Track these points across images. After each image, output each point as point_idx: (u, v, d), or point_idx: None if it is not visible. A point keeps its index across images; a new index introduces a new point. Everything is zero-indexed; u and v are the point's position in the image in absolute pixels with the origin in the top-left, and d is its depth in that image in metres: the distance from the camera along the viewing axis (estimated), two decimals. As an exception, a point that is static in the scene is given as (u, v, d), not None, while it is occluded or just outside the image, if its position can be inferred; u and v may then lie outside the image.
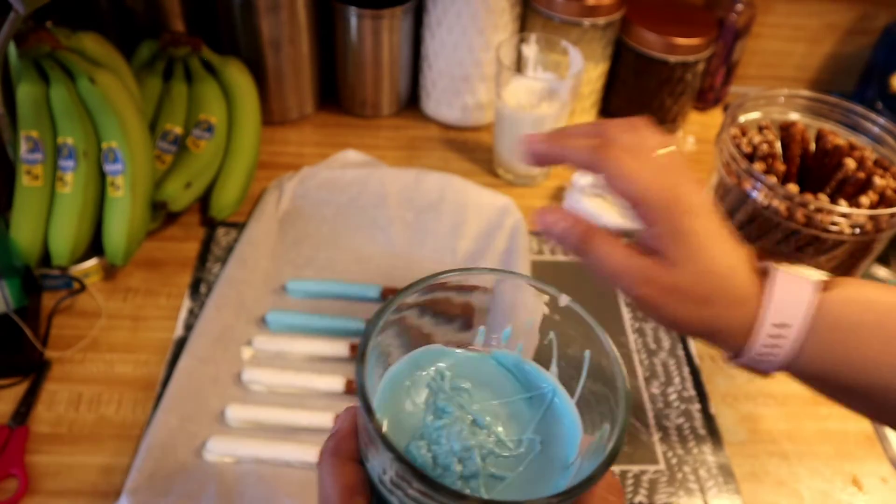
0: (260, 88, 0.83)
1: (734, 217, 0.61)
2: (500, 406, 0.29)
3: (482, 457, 0.27)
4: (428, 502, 0.24)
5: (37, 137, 0.65)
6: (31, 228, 0.65)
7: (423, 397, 0.29)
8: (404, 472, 0.24)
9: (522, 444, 0.28)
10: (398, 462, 0.24)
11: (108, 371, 0.62)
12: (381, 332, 0.27)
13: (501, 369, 0.31)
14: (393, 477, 0.25)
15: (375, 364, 0.27)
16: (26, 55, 0.65)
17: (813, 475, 0.59)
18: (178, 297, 0.68)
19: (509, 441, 0.28)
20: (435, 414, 0.28)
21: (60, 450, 0.56)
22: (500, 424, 0.29)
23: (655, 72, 0.88)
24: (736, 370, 0.67)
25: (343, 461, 0.27)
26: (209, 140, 0.76)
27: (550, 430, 0.29)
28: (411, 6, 0.85)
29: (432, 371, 0.30)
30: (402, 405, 0.29)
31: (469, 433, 0.28)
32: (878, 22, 0.98)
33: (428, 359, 0.30)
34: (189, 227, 0.75)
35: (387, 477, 0.25)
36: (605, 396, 0.28)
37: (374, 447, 0.25)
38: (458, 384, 0.30)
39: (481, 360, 0.31)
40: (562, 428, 0.29)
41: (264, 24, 0.81)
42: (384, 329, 0.28)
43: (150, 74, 0.78)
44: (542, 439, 0.28)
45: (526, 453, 0.28)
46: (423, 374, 0.30)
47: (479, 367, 0.30)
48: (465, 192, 0.76)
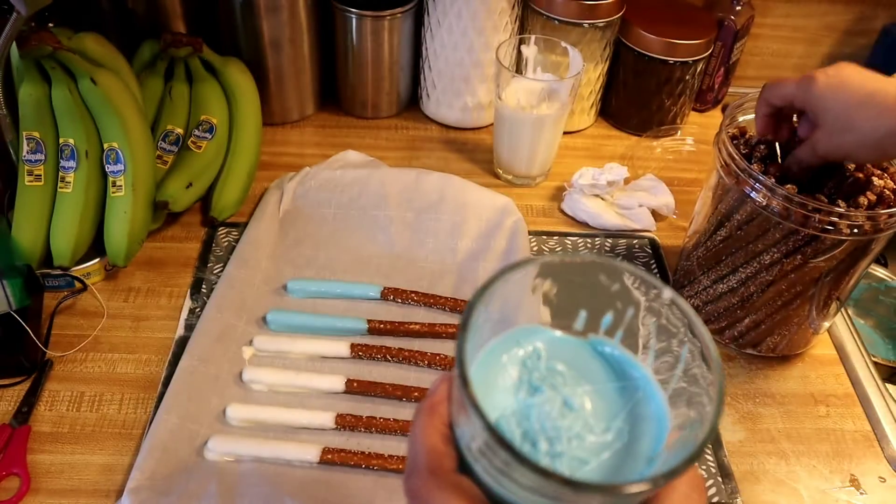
0: (261, 89, 0.83)
1: (733, 217, 0.62)
2: (592, 391, 0.30)
3: (569, 439, 0.27)
4: (511, 474, 0.24)
5: (38, 138, 0.66)
6: (33, 228, 0.65)
7: (518, 374, 0.29)
8: (493, 442, 0.24)
9: (610, 432, 0.28)
10: (488, 432, 0.24)
11: (110, 371, 0.62)
12: (487, 304, 0.27)
13: (597, 356, 0.31)
14: (481, 446, 0.25)
15: (476, 335, 0.28)
16: (28, 56, 0.65)
17: (811, 474, 0.60)
18: (180, 297, 0.68)
19: (597, 427, 0.28)
20: (528, 391, 0.29)
21: (62, 449, 0.57)
22: (590, 409, 0.29)
23: (655, 72, 0.89)
24: (735, 369, 0.67)
25: (435, 422, 0.28)
26: (210, 140, 0.76)
27: (639, 421, 0.29)
28: (412, 7, 0.85)
29: (529, 349, 0.30)
30: (497, 379, 0.29)
31: (559, 414, 0.28)
32: (876, 23, 0.98)
33: (526, 337, 0.31)
34: (190, 227, 0.76)
35: (475, 445, 0.26)
36: (698, 394, 0.28)
37: (466, 415, 0.25)
38: (553, 365, 0.30)
39: (578, 345, 0.31)
40: (651, 420, 0.29)
41: (265, 25, 0.81)
42: (489, 302, 0.28)
43: (151, 75, 0.78)
44: (630, 429, 0.28)
45: (612, 441, 0.28)
46: (519, 352, 0.30)
47: (575, 351, 0.31)
48: (465, 192, 0.76)
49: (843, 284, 0.62)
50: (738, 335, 0.67)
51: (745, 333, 0.66)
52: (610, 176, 0.80)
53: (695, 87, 0.93)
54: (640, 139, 0.93)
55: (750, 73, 1.03)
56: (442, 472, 0.27)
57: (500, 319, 0.30)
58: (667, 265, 0.76)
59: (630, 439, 0.28)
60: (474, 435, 0.26)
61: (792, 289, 0.61)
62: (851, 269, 0.61)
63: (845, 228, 0.56)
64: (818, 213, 0.56)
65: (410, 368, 0.64)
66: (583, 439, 0.28)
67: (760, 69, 1.03)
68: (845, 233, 0.56)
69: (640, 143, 0.93)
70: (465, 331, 0.26)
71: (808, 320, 0.64)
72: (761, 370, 0.67)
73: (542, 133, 0.79)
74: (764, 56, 1.02)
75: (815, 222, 0.56)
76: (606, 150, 0.92)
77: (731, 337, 0.68)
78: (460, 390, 0.25)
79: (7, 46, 0.62)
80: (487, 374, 0.29)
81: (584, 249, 0.77)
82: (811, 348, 0.69)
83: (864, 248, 0.59)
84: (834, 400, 0.65)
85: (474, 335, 0.27)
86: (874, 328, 0.85)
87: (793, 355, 0.69)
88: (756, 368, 0.67)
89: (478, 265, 0.72)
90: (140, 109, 0.70)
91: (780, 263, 0.60)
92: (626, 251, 0.77)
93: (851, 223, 0.56)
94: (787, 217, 0.57)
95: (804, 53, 1.02)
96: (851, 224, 0.56)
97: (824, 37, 1.00)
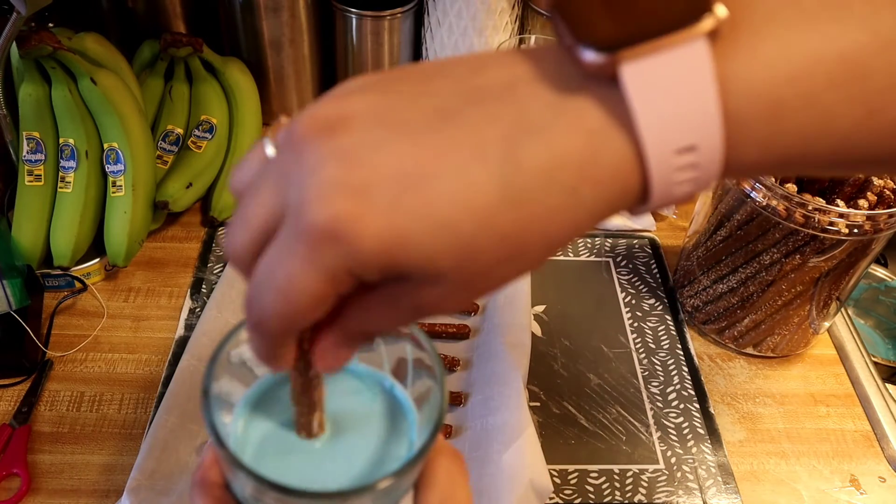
0: (261, 89, 0.83)
1: (733, 217, 0.62)
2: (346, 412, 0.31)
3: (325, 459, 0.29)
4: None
5: (38, 138, 0.66)
6: (33, 228, 0.65)
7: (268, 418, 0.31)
8: (258, 484, 0.25)
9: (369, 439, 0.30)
10: (248, 476, 0.25)
11: (110, 371, 0.62)
12: (217, 378, 0.29)
13: (343, 377, 0.33)
14: (252, 492, 0.27)
15: (218, 402, 0.29)
16: (28, 56, 0.65)
17: (811, 474, 0.60)
18: (180, 296, 0.68)
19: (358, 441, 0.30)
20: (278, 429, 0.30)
21: (62, 449, 0.57)
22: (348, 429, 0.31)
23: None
24: (735, 369, 0.67)
25: (210, 487, 0.29)
26: (210, 140, 0.76)
27: (394, 421, 0.31)
28: (412, 7, 0.85)
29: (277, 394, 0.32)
30: (251, 431, 0.30)
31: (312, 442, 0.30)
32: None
33: (271, 383, 0.32)
34: (190, 227, 0.76)
35: (248, 492, 0.27)
36: (428, 376, 0.30)
37: (231, 470, 0.27)
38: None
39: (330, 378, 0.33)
40: (403, 417, 0.31)
41: (265, 25, 0.81)
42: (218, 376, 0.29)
43: (151, 75, 0.78)
44: (387, 432, 0.31)
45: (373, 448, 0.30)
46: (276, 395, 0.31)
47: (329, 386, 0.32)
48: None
49: (843, 284, 0.62)
50: (738, 335, 0.67)
51: (745, 333, 0.66)
52: (610, 176, 0.80)
53: (695, 88, 0.93)
54: (640, 139, 0.93)
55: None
56: None
57: (241, 379, 0.31)
58: (667, 265, 0.76)
59: (388, 438, 0.30)
60: (244, 484, 0.27)
61: (792, 289, 0.61)
62: (851, 269, 0.61)
63: (845, 228, 0.56)
64: (818, 213, 0.56)
65: (410, 368, 0.64)
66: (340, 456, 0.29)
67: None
68: (845, 233, 0.56)
69: (640, 143, 0.93)
70: (207, 397, 0.28)
71: (808, 320, 0.64)
72: (761, 370, 0.67)
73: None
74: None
75: (815, 222, 0.56)
76: (606, 150, 0.92)
77: (731, 337, 0.68)
78: (219, 451, 0.27)
79: (7, 46, 0.62)
80: (253, 425, 0.30)
81: (585, 249, 0.77)
82: (811, 348, 0.69)
83: (864, 248, 0.59)
84: (834, 400, 0.65)
85: (217, 403, 0.28)
86: (874, 328, 0.85)
87: (793, 355, 0.69)
88: (756, 368, 0.67)
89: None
90: (140, 109, 0.70)
91: (780, 263, 0.60)
92: (626, 251, 0.77)
93: (851, 223, 0.56)
94: (787, 217, 0.57)
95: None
96: (851, 224, 0.56)
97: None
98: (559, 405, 0.63)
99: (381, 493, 0.26)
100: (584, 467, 0.58)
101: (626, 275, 0.75)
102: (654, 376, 0.65)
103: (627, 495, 0.57)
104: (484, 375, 0.61)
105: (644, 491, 0.57)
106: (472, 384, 0.62)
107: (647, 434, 0.61)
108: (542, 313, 0.70)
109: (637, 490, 0.57)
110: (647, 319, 0.70)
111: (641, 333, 0.69)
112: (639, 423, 0.62)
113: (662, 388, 0.65)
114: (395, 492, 0.28)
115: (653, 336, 0.69)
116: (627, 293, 0.73)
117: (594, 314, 0.71)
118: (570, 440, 0.60)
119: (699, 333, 0.70)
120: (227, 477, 0.29)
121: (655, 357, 0.67)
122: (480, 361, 0.63)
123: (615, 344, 0.68)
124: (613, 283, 0.74)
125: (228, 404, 0.30)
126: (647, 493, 0.57)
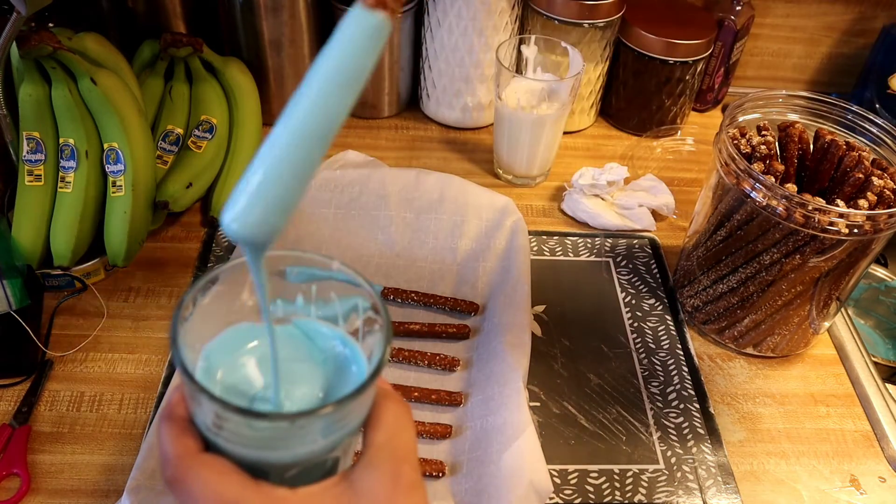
0: (261, 89, 0.83)
1: (733, 217, 0.62)
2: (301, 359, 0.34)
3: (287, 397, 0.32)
4: (241, 431, 0.29)
5: (38, 138, 0.66)
6: (33, 228, 0.65)
7: (243, 373, 0.33)
8: (221, 409, 0.27)
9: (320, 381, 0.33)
10: (213, 401, 0.27)
11: (110, 371, 0.62)
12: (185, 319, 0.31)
13: (302, 335, 0.35)
14: (214, 418, 0.29)
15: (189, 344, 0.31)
16: (28, 56, 0.65)
17: (811, 474, 0.60)
18: (180, 296, 0.68)
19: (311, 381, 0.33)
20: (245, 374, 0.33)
21: (62, 449, 0.57)
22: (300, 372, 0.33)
23: (655, 72, 0.89)
24: (735, 369, 0.67)
25: (174, 421, 0.31)
26: (210, 140, 0.76)
27: (342, 369, 0.34)
28: (412, 8, 0.85)
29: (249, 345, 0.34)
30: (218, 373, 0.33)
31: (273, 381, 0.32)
32: (876, 23, 0.98)
33: (240, 337, 0.34)
34: (190, 227, 0.76)
35: (210, 420, 0.29)
36: (376, 326, 0.33)
37: (197, 402, 0.29)
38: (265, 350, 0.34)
39: (285, 330, 0.35)
40: (353, 366, 0.34)
41: (265, 25, 0.81)
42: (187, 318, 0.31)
43: (151, 75, 0.78)
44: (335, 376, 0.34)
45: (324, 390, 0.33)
46: (238, 352, 0.34)
47: (285, 339, 0.34)
48: (465, 192, 0.76)
49: (843, 284, 0.62)
50: (738, 335, 0.67)
51: (745, 333, 0.66)
52: (610, 176, 0.80)
53: (695, 87, 0.93)
54: (640, 139, 0.93)
55: (750, 73, 1.03)
56: (189, 454, 0.30)
57: (214, 324, 0.33)
58: (667, 265, 0.76)
59: (338, 385, 0.33)
60: (206, 412, 0.29)
61: (792, 289, 0.61)
62: (851, 269, 0.61)
63: (845, 228, 0.56)
64: (818, 213, 0.56)
65: (410, 368, 0.64)
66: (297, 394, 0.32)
67: (760, 69, 1.03)
68: (845, 233, 0.56)
69: (640, 143, 0.93)
70: (175, 333, 0.30)
71: (808, 320, 0.64)
72: (761, 370, 0.67)
73: (542, 133, 0.79)
74: (764, 56, 1.02)
75: (815, 222, 0.56)
76: (606, 150, 0.92)
77: (731, 337, 0.68)
78: (187, 383, 0.28)
79: (7, 46, 0.62)
80: (213, 370, 0.32)
81: (585, 249, 0.77)
82: (811, 348, 0.69)
83: (864, 248, 0.59)
84: (834, 400, 0.65)
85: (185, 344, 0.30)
86: (874, 328, 0.85)
87: (793, 355, 0.69)
88: (756, 368, 0.67)
89: (478, 265, 0.72)
90: (140, 109, 0.70)
91: (779, 263, 0.60)
92: (626, 251, 0.77)
93: (851, 223, 0.56)
94: (787, 217, 0.57)
95: (804, 53, 1.02)
96: (851, 224, 0.56)
97: (824, 37, 1.00)
98: (559, 405, 0.63)
99: (326, 420, 0.29)
100: (584, 467, 0.58)
101: (626, 275, 0.75)
102: (654, 376, 0.65)
103: (627, 495, 0.57)
104: (484, 375, 0.61)
105: (644, 491, 0.57)
106: (472, 384, 0.62)
107: (647, 434, 0.61)
108: (542, 313, 0.70)
109: (637, 490, 0.57)
110: (647, 319, 0.70)
111: (641, 333, 0.69)
112: (639, 423, 0.62)
113: (662, 388, 0.65)
114: (340, 422, 0.30)
115: (653, 336, 0.69)
116: (627, 293, 0.73)
117: (594, 314, 0.71)
118: (570, 440, 0.60)
119: (699, 333, 0.70)
120: (191, 411, 0.31)
121: (655, 357, 0.67)
122: (480, 361, 0.63)
123: (615, 344, 0.68)
124: (613, 283, 0.74)
125: (194, 350, 0.32)
126: (647, 493, 0.57)
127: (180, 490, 0.29)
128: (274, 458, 0.30)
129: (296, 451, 0.29)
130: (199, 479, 0.29)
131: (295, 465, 0.30)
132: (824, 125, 0.66)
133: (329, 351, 0.34)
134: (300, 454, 0.30)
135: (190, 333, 0.31)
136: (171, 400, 0.32)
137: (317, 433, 0.29)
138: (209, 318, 0.33)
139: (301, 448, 0.29)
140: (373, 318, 0.33)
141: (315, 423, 0.29)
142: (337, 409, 0.29)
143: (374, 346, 0.33)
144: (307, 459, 0.30)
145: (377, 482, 0.30)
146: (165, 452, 0.30)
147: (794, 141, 0.64)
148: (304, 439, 0.29)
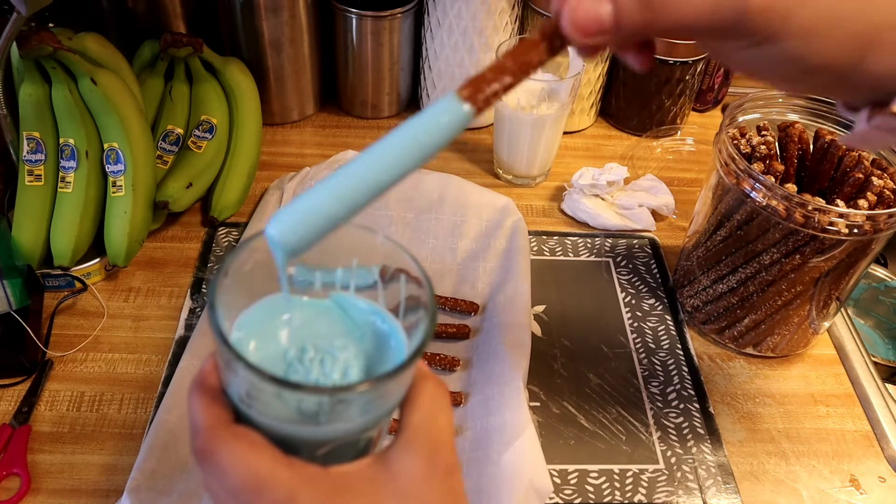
0: (261, 89, 0.83)
1: (733, 217, 0.62)
2: (340, 337, 0.33)
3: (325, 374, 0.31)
4: (275, 403, 0.28)
5: (39, 138, 0.66)
6: (33, 228, 0.65)
7: (277, 346, 0.33)
8: (256, 379, 0.27)
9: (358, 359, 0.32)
10: (249, 370, 0.27)
11: (110, 371, 0.62)
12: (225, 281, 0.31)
13: (339, 310, 0.35)
14: (248, 388, 0.28)
15: (228, 308, 0.31)
16: (28, 56, 0.65)
17: (811, 474, 0.60)
18: (180, 296, 0.68)
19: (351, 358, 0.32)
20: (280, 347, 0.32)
21: (62, 449, 0.57)
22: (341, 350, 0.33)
23: (655, 72, 0.89)
24: (735, 369, 0.67)
25: (205, 390, 0.30)
26: (210, 140, 0.76)
27: (383, 345, 0.33)
28: (412, 7, 0.85)
29: (284, 317, 0.33)
30: (256, 343, 0.32)
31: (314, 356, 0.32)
32: (876, 23, 0.98)
33: (275, 308, 0.34)
34: (190, 227, 0.76)
35: (244, 391, 0.29)
36: (419, 304, 0.33)
37: (232, 370, 0.28)
38: (301, 324, 0.33)
39: (322, 304, 0.35)
40: (394, 343, 0.33)
41: (265, 25, 0.81)
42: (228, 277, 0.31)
43: (151, 75, 0.78)
44: (376, 354, 0.33)
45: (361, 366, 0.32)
46: (272, 323, 0.33)
47: (319, 310, 0.34)
48: (465, 192, 0.76)
49: (843, 284, 0.62)
50: (738, 335, 0.67)
51: (745, 333, 0.66)
52: (610, 176, 0.80)
53: (695, 88, 0.93)
54: (640, 139, 0.93)
55: (750, 73, 1.03)
56: (220, 425, 0.29)
57: (249, 293, 0.33)
58: (667, 265, 0.76)
59: (376, 360, 0.33)
60: (241, 382, 0.28)
61: (792, 289, 0.61)
62: (851, 269, 0.61)
63: (845, 228, 0.56)
64: (818, 213, 0.56)
65: (410, 368, 0.64)
66: (336, 369, 0.31)
67: (760, 69, 1.03)
68: (845, 233, 0.56)
69: (640, 143, 0.93)
70: (214, 307, 0.30)
71: (808, 320, 0.64)
72: (761, 370, 0.67)
73: (541, 133, 0.79)
74: (764, 56, 1.02)
75: (815, 222, 0.56)
76: (606, 150, 0.92)
77: (731, 337, 0.68)
78: (223, 350, 0.28)
79: (7, 46, 0.62)
80: (246, 340, 0.32)
81: (585, 249, 0.77)
82: (811, 348, 0.69)
83: (864, 248, 0.59)
84: (834, 400, 0.65)
85: (222, 310, 0.30)
86: (874, 328, 0.86)
87: (793, 355, 0.69)
88: (756, 368, 0.67)
89: (478, 265, 0.72)
90: (140, 109, 0.70)
91: (779, 263, 0.60)
92: (626, 251, 0.77)
93: (851, 223, 0.56)
94: (787, 217, 0.57)
95: (804, 53, 1.02)
96: (851, 224, 0.56)
97: (824, 37, 1.00)
98: (559, 405, 0.63)
99: (364, 397, 0.29)
100: (584, 467, 0.58)
101: (626, 275, 0.75)
102: (654, 376, 0.65)
103: (627, 495, 0.57)
104: (484, 375, 0.61)
105: (644, 491, 0.57)
106: (472, 384, 0.62)
107: (646, 434, 0.61)
108: (542, 313, 0.70)
109: (637, 490, 0.57)
110: (646, 319, 0.70)
111: (641, 333, 0.69)
112: (639, 423, 0.62)
113: (662, 388, 0.65)
114: (378, 400, 0.30)
115: (653, 336, 0.69)
116: (627, 293, 0.73)
117: (594, 314, 0.71)
118: (570, 440, 0.60)
119: (699, 333, 0.70)
120: (224, 381, 0.30)
121: (655, 357, 0.67)
122: (480, 361, 0.63)
123: (615, 344, 0.68)
124: (613, 283, 0.74)
125: (230, 317, 0.32)
126: (647, 493, 0.57)
127: (209, 461, 0.28)
128: (307, 434, 0.29)
129: (331, 428, 0.29)
130: (230, 451, 0.28)
131: (328, 443, 0.30)
132: (824, 125, 0.66)
133: (367, 327, 0.34)
134: (335, 431, 0.29)
135: (226, 300, 0.31)
136: (205, 368, 0.31)
137: (354, 410, 0.29)
138: (247, 285, 0.32)
139: (337, 425, 0.29)
140: (416, 294, 0.33)
141: (353, 399, 0.28)
142: (376, 387, 0.28)
143: (417, 323, 0.32)
144: (341, 437, 0.30)
145: (413, 464, 0.29)
146: (195, 422, 0.29)
147: (794, 141, 0.64)
148: (341, 416, 0.29)
